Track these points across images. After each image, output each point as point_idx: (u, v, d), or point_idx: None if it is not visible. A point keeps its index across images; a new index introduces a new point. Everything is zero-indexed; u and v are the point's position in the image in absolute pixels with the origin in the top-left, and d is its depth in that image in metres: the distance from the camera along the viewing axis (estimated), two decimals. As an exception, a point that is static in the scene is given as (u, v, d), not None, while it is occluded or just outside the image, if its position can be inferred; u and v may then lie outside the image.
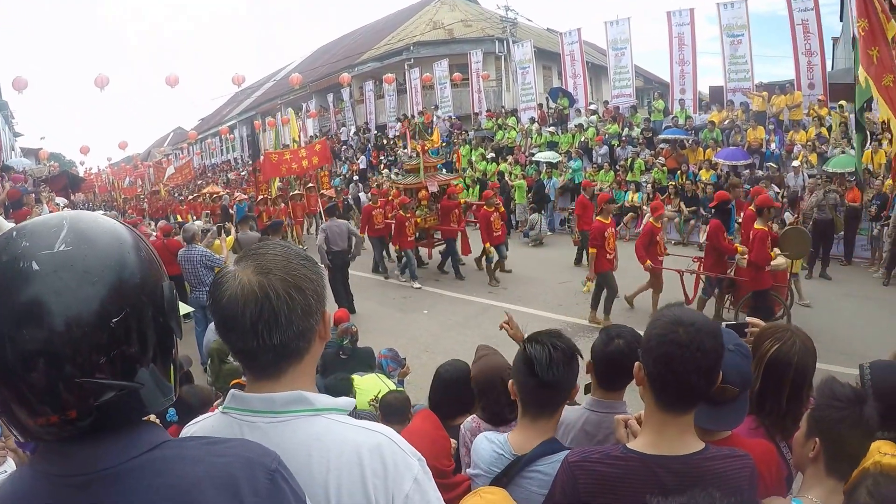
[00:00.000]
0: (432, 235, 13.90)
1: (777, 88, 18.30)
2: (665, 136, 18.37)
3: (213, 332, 7.58)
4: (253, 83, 47.47)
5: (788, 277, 8.96)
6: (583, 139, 20.19)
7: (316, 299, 1.31)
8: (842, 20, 21.62)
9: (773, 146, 16.34)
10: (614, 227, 9.74)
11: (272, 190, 19.54)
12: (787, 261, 8.68)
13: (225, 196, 22.24)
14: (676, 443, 1.66)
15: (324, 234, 11.02)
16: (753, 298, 8.14)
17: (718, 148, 16.84)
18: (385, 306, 11.66)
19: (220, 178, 36.03)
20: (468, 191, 18.99)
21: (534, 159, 20.16)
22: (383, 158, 26.70)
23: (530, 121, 23.22)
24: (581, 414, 2.51)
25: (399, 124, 28.54)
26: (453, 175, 16.00)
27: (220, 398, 4.57)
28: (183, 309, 7.17)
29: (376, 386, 4.96)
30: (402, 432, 3.11)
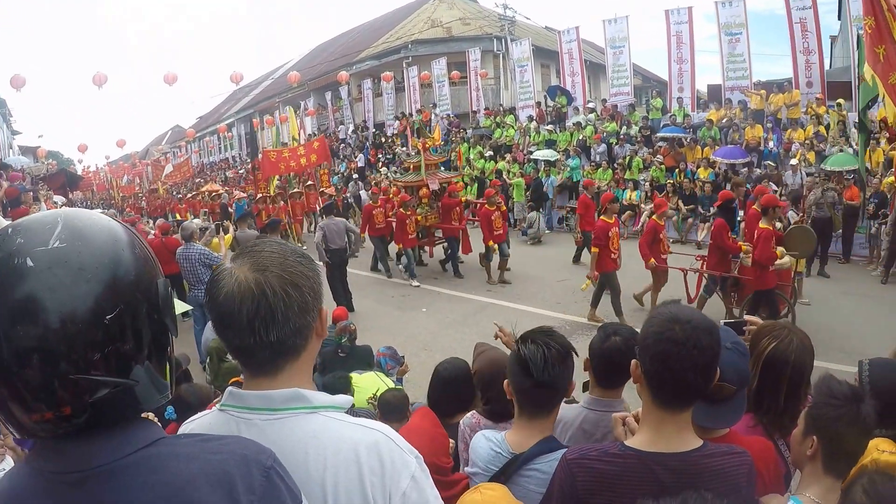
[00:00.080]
0: (433, 234, 13.88)
1: (775, 87, 18.30)
2: (663, 135, 18.37)
3: (212, 331, 7.56)
4: (251, 81, 47.44)
5: (793, 276, 8.91)
6: (581, 137, 20.18)
7: (313, 296, 1.30)
8: (840, 19, 21.61)
9: (771, 144, 16.36)
10: (618, 226, 9.70)
11: (271, 188, 19.51)
12: (791, 259, 8.64)
13: (224, 194, 22.19)
14: (674, 440, 1.66)
15: (321, 232, 11.02)
16: (755, 297, 8.08)
17: (716, 146, 16.84)
18: (383, 304, 11.66)
19: (218, 176, 35.96)
20: (466, 189, 18.99)
21: (532, 157, 20.12)
22: (381, 157, 26.67)
23: (528, 119, 23.17)
24: (579, 412, 2.51)
25: (397, 122, 28.53)
26: (454, 173, 15.91)
27: (219, 396, 4.57)
28: (181, 307, 7.17)
29: (375, 384, 4.96)
30: (400, 430, 3.12)
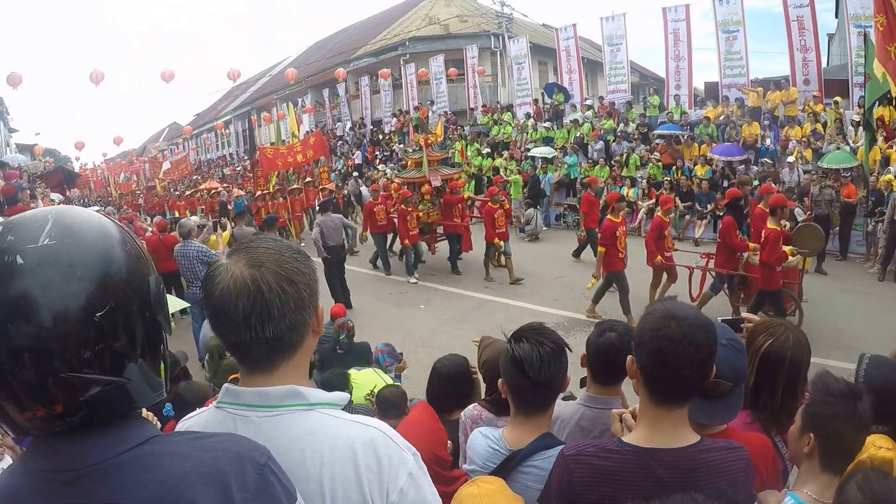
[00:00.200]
0: (435, 230, 13.86)
1: (772, 84, 18.30)
2: (660, 132, 18.36)
3: (210, 328, 7.57)
4: (248, 78, 47.43)
5: (799, 274, 8.89)
6: (578, 134, 20.20)
7: (309, 293, 1.30)
8: (837, 17, 21.60)
9: (768, 142, 16.36)
10: (624, 225, 9.68)
11: (270, 185, 19.46)
12: (799, 257, 8.59)
13: (223, 192, 22.15)
14: (671, 436, 1.66)
15: (319, 229, 11.02)
16: (760, 297, 7.99)
17: (714, 144, 16.84)
18: (381, 301, 11.67)
19: (215, 173, 35.91)
20: (466, 186, 18.97)
21: (529, 154, 20.11)
22: (379, 154, 26.67)
23: (526, 116, 23.19)
24: (576, 410, 2.51)
25: (395, 119, 28.53)
26: (456, 170, 15.84)
27: (217, 393, 4.56)
28: (179, 304, 7.17)
29: (373, 380, 4.96)
30: (399, 423, 3.13)
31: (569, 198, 18.51)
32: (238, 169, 34.11)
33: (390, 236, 14.07)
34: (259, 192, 19.01)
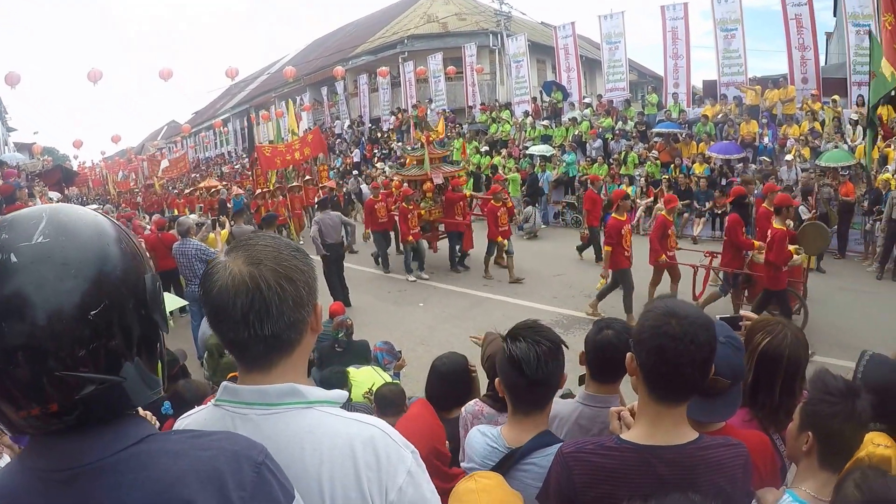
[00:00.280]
0: (436, 228, 13.82)
1: (770, 83, 18.30)
2: (658, 130, 18.35)
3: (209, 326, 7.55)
4: (247, 76, 47.31)
5: (803, 272, 8.86)
6: (576, 133, 20.20)
7: (307, 291, 1.30)
8: (835, 15, 21.58)
9: (766, 140, 16.36)
10: (630, 223, 9.65)
11: (270, 183, 19.42)
12: (804, 256, 8.54)
13: (222, 190, 22.11)
14: (671, 433, 1.66)
15: (317, 227, 11.00)
16: (765, 296, 7.93)
17: (712, 142, 16.85)
18: (380, 299, 11.66)
19: (214, 171, 35.86)
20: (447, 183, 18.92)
21: (527, 153, 20.11)
22: (377, 152, 26.66)
23: (524, 114, 23.17)
24: (575, 408, 2.51)
25: (393, 118, 28.51)
26: (457, 167, 15.69)
27: (216, 392, 4.56)
28: (177, 302, 7.15)
29: (371, 378, 4.96)
30: (400, 419, 3.13)
31: (567, 196, 18.52)
32: (237, 167, 34.05)
33: (392, 234, 14.00)
34: (259, 191, 18.97)
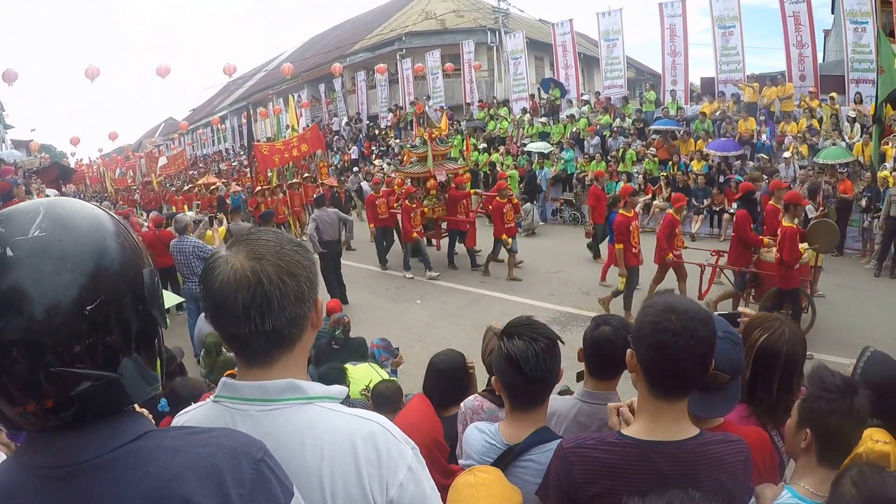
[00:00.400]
0: (440, 226, 13.76)
1: (768, 80, 18.32)
2: (656, 127, 18.35)
3: (206, 324, 7.54)
4: (244, 73, 47.16)
5: (812, 270, 8.84)
6: (574, 130, 20.17)
7: (309, 286, 1.29)
8: (833, 13, 21.60)
9: (764, 137, 16.36)
10: (637, 219, 9.63)
11: (272, 180, 19.34)
12: (811, 254, 8.50)
13: (221, 187, 22.05)
14: (672, 429, 1.66)
15: (314, 224, 10.98)
16: (779, 295, 7.90)
17: (710, 139, 16.87)
18: (377, 296, 11.66)
19: (211, 168, 35.80)
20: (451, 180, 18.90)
21: (525, 150, 20.14)
22: (375, 149, 26.64)
23: (522, 111, 23.14)
24: (573, 405, 2.50)
25: (391, 115, 28.48)
26: (460, 165, 15.57)
27: (213, 389, 4.55)
28: (174, 299, 7.14)
29: (368, 375, 4.96)
30: (400, 412, 3.13)
31: (565, 193, 18.53)
32: (234, 164, 33.99)
33: (395, 232, 13.92)
34: (259, 188, 18.90)
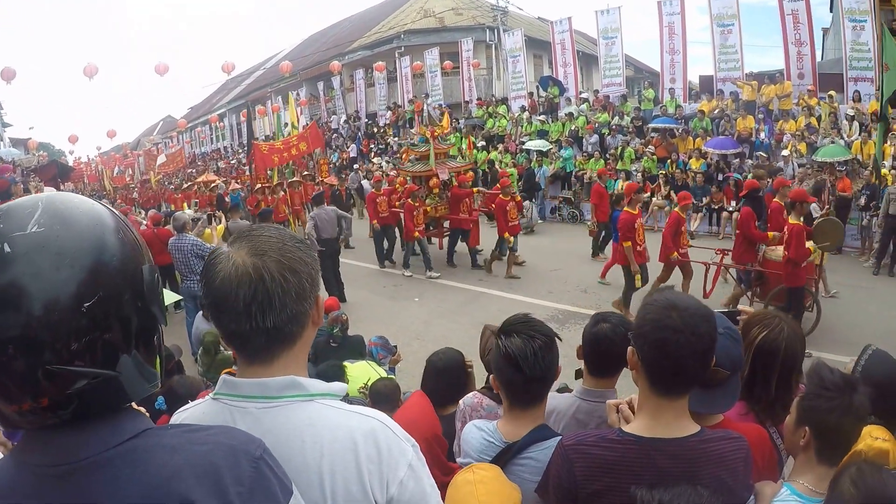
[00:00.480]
0: (442, 224, 13.72)
1: (767, 78, 18.35)
2: (655, 125, 18.37)
3: (204, 322, 7.54)
4: (243, 71, 47.12)
5: (817, 268, 8.84)
6: (573, 128, 20.17)
7: (310, 283, 1.28)
8: (832, 11, 21.63)
9: (762, 135, 16.38)
10: (641, 217, 9.58)
11: (273, 178, 19.30)
12: (817, 252, 8.53)
13: (220, 184, 22.01)
14: (673, 426, 1.65)
15: (312, 222, 10.97)
16: (790, 293, 7.88)
17: (708, 137, 16.88)
18: (376, 294, 11.66)
19: (210, 167, 35.77)
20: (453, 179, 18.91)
21: (524, 147, 20.15)
22: (374, 147, 26.63)
23: (521, 109, 23.14)
24: (572, 402, 2.50)
25: (389, 113, 28.47)
26: (463, 163, 15.32)
27: (210, 388, 4.55)
28: (172, 297, 7.13)
29: (366, 373, 4.95)
30: (400, 407, 3.12)
31: (564, 191, 18.54)
32: (232, 162, 33.96)
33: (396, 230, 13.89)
34: (258, 185, 18.85)
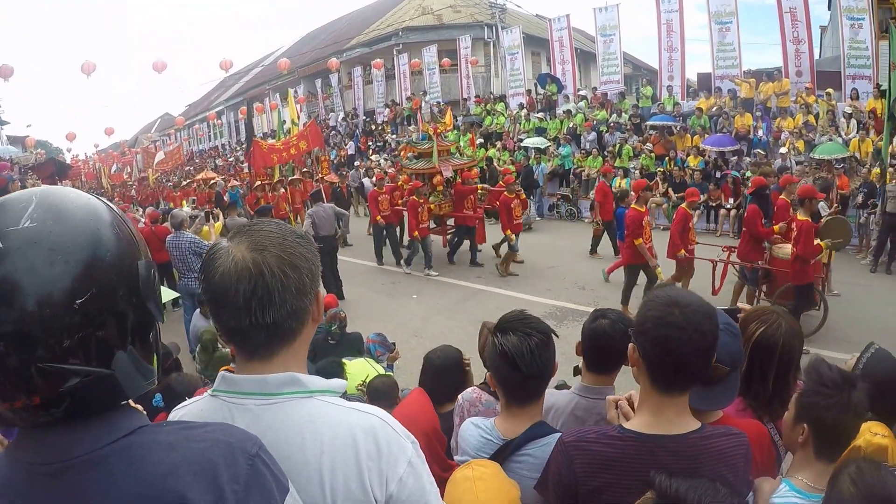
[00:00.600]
0: (446, 222, 13.70)
1: (765, 76, 18.37)
2: (653, 123, 18.40)
3: (201, 319, 7.55)
4: (241, 69, 47.09)
5: (824, 266, 8.81)
6: (571, 125, 20.20)
7: (310, 279, 1.27)
8: (830, 9, 21.63)
9: (760, 133, 16.41)
10: (648, 214, 9.53)
11: (274, 175, 19.26)
12: (825, 251, 8.52)
13: (219, 182, 21.98)
14: (674, 423, 1.65)
15: (310, 220, 10.95)
16: (797, 292, 7.81)
17: (706, 134, 16.90)
18: (374, 292, 11.66)
19: (208, 164, 35.74)
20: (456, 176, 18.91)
21: (522, 145, 20.16)
22: (372, 144, 26.62)
23: (519, 107, 23.17)
24: (571, 399, 2.49)
25: (387, 110, 28.45)
26: (467, 160, 15.21)
27: (208, 385, 4.54)
28: (169, 295, 7.12)
29: (365, 370, 4.95)
30: (400, 404, 3.12)
31: (562, 188, 18.55)
32: (230, 160, 33.94)
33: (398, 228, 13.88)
34: (258, 182, 18.80)
